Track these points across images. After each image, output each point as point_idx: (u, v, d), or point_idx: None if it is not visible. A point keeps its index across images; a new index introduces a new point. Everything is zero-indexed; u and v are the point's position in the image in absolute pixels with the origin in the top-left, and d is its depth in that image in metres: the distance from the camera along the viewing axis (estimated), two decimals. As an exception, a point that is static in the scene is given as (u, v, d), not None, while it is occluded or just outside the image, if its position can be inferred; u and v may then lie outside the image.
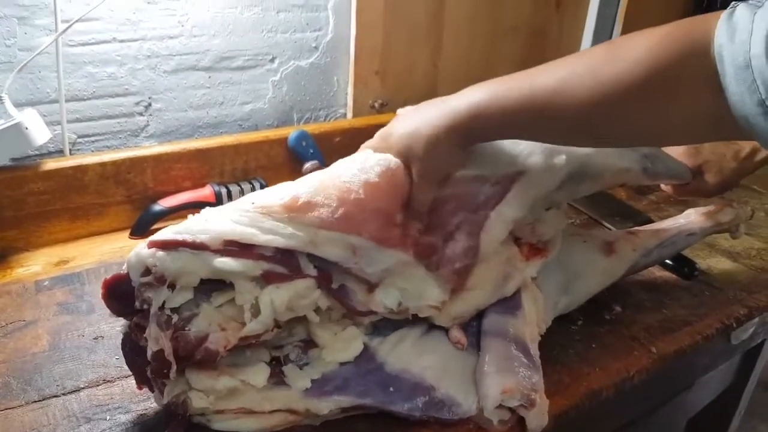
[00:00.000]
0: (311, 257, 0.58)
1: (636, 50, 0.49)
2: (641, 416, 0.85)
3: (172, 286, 0.54)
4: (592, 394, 0.65)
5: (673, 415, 0.98)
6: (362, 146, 0.68)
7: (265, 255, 0.56)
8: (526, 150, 0.66)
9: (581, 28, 1.42)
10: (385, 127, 0.66)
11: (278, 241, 0.56)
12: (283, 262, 0.57)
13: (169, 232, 0.55)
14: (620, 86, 0.49)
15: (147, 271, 0.53)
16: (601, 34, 1.42)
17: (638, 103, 0.50)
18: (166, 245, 0.54)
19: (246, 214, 0.56)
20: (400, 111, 0.68)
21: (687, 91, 0.48)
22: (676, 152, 0.80)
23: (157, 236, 0.55)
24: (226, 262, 0.54)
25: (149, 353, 0.53)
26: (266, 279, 0.56)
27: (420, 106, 0.64)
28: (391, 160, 0.62)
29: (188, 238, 0.54)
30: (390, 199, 0.61)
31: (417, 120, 0.61)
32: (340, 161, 0.64)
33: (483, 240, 0.64)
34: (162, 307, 0.54)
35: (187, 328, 0.54)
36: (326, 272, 0.59)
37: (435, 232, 0.64)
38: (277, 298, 0.56)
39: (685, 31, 0.48)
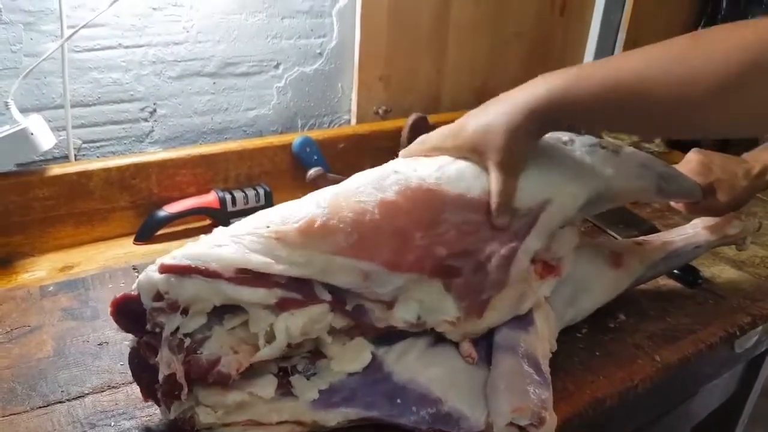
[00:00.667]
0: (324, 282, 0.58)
1: (728, 41, 0.50)
2: (645, 425, 0.85)
3: (185, 312, 0.54)
4: (596, 402, 0.65)
5: (677, 423, 0.97)
6: (423, 143, 0.67)
7: (280, 282, 0.56)
8: (551, 178, 0.66)
9: (585, 34, 1.42)
10: (452, 125, 0.65)
11: (293, 271, 0.55)
12: (297, 289, 0.56)
13: (180, 256, 0.54)
14: (714, 76, 0.50)
15: (159, 296, 0.53)
16: (606, 41, 1.42)
17: (734, 94, 0.50)
18: (179, 271, 0.53)
19: (260, 241, 0.55)
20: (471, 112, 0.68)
21: None
22: (688, 171, 0.80)
23: (169, 261, 0.54)
24: (240, 291, 0.54)
25: (161, 376, 0.53)
26: (281, 306, 0.56)
27: (488, 104, 0.63)
28: (411, 179, 0.61)
29: (201, 265, 0.53)
30: (408, 218, 0.60)
31: (491, 114, 0.61)
32: (358, 175, 0.63)
33: (512, 273, 0.63)
34: (174, 332, 0.53)
35: (199, 351, 0.54)
36: (340, 296, 0.59)
37: (464, 257, 0.62)
38: (292, 325, 0.56)
39: None
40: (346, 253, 0.57)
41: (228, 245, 0.55)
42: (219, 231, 0.57)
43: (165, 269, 0.53)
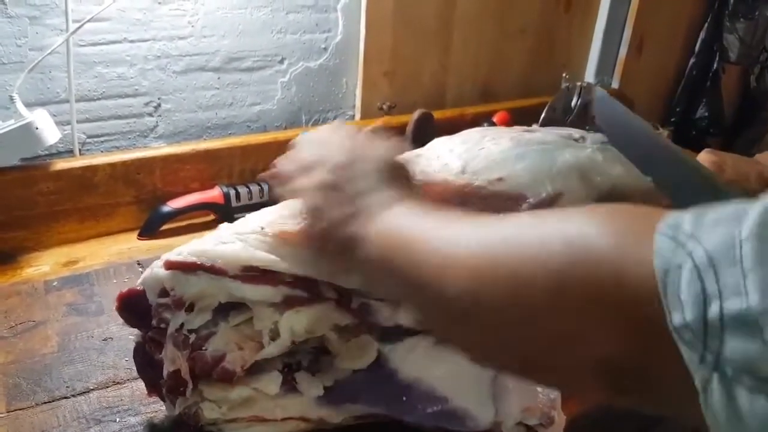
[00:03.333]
0: None
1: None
2: (652, 423, 0.84)
3: (190, 308, 0.53)
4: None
5: (684, 421, 0.97)
6: None
7: (285, 280, 0.55)
8: (563, 170, 0.65)
9: (591, 29, 1.41)
10: None
11: (298, 270, 0.55)
12: (303, 287, 0.56)
13: (185, 253, 0.54)
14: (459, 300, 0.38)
15: (164, 292, 0.53)
16: (611, 36, 1.41)
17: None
18: (184, 268, 0.53)
19: (265, 239, 0.55)
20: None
21: None
22: None
23: (174, 257, 0.54)
24: (246, 290, 0.54)
25: (165, 372, 0.53)
26: (286, 304, 0.56)
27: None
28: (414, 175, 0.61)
29: (206, 262, 0.53)
30: None
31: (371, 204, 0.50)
32: None
33: None
34: (179, 328, 0.53)
35: (204, 348, 0.54)
36: (345, 294, 0.58)
37: None
38: (297, 323, 0.55)
39: None
40: None
41: (233, 243, 0.55)
42: (224, 227, 0.57)
43: (170, 266, 0.53)
